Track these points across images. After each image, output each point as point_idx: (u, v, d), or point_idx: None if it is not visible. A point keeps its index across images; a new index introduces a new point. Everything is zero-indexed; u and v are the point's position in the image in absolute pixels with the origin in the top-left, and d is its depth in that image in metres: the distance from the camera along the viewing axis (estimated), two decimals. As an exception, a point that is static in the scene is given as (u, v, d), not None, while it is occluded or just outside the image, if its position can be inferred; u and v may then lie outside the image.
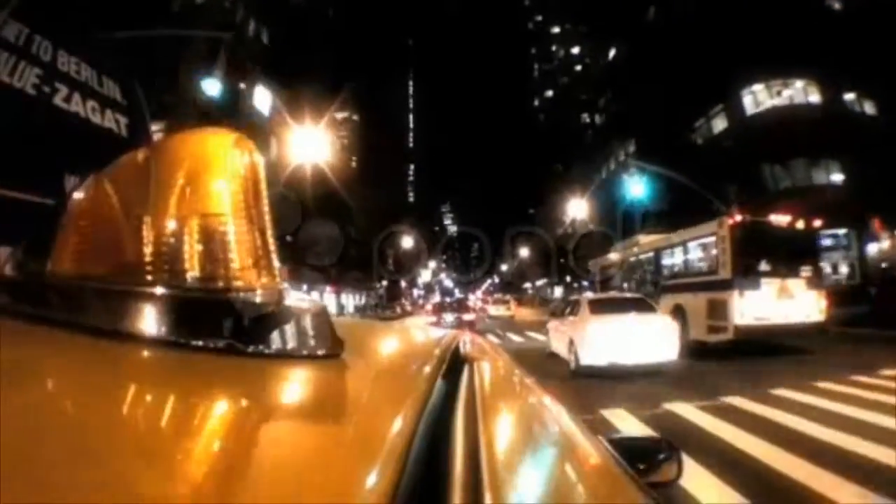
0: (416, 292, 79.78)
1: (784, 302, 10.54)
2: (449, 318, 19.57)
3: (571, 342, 9.62)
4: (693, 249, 12.68)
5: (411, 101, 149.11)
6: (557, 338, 10.91)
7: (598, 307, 9.80)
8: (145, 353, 0.52)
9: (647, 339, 8.77)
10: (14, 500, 0.24)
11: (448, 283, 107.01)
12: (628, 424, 5.78)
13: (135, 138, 2.43)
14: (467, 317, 20.28)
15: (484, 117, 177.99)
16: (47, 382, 0.47)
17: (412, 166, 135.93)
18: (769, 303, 10.40)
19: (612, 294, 12.80)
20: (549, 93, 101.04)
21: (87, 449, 0.32)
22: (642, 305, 10.06)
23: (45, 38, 2.06)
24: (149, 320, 0.51)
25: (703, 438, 5.11)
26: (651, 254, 14.97)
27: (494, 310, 38.20)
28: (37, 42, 2.04)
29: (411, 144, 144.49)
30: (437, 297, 48.71)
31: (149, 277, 0.51)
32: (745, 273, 10.57)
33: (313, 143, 23.02)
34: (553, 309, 14.20)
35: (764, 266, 10.77)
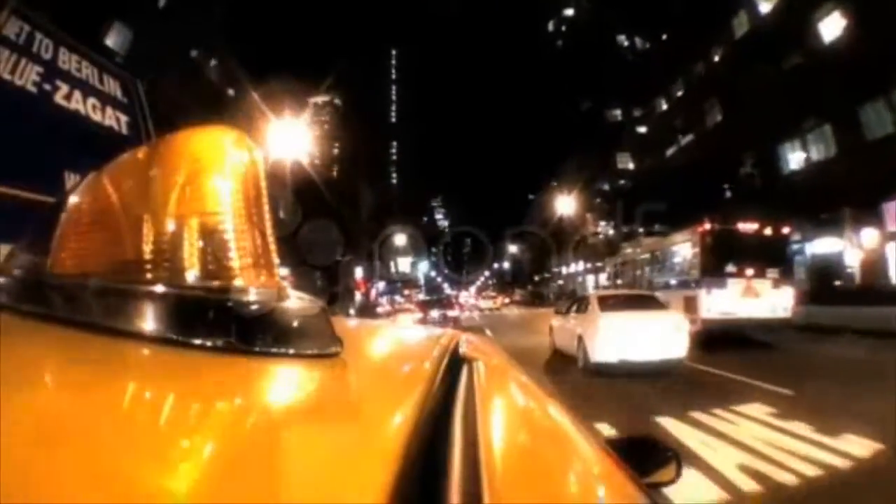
0: (379, 286, 48.53)
1: (749, 299, 11.85)
2: (435, 314, 20.68)
3: (580, 339, 9.49)
4: (676, 252, 14.36)
5: (394, 67, 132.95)
6: (563, 336, 10.91)
7: (608, 304, 9.70)
8: (145, 352, 0.52)
9: (657, 335, 8.76)
10: (14, 499, 0.24)
11: (433, 274, 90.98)
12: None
13: (135, 136, 2.43)
14: (451, 313, 21.50)
15: (481, 70, 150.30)
16: (47, 380, 0.47)
17: (395, 143, 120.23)
18: (735, 300, 11.73)
19: (621, 291, 12.97)
20: (569, 11, 79.04)
21: (87, 447, 0.32)
22: (651, 302, 10.01)
23: (46, 35, 2.06)
24: (148, 319, 0.51)
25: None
26: (648, 254, 16.50)
27: (484, 303, 48.85)
28: (38, 40, 2.04)
29: (393, 119, 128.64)
30: (421, 295, 44.26)
31: (148, 276, 0.51)
32: (712, 273, 12.02)
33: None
34: (556, 308, 14.17)
35: (730, 267, 12.09)
